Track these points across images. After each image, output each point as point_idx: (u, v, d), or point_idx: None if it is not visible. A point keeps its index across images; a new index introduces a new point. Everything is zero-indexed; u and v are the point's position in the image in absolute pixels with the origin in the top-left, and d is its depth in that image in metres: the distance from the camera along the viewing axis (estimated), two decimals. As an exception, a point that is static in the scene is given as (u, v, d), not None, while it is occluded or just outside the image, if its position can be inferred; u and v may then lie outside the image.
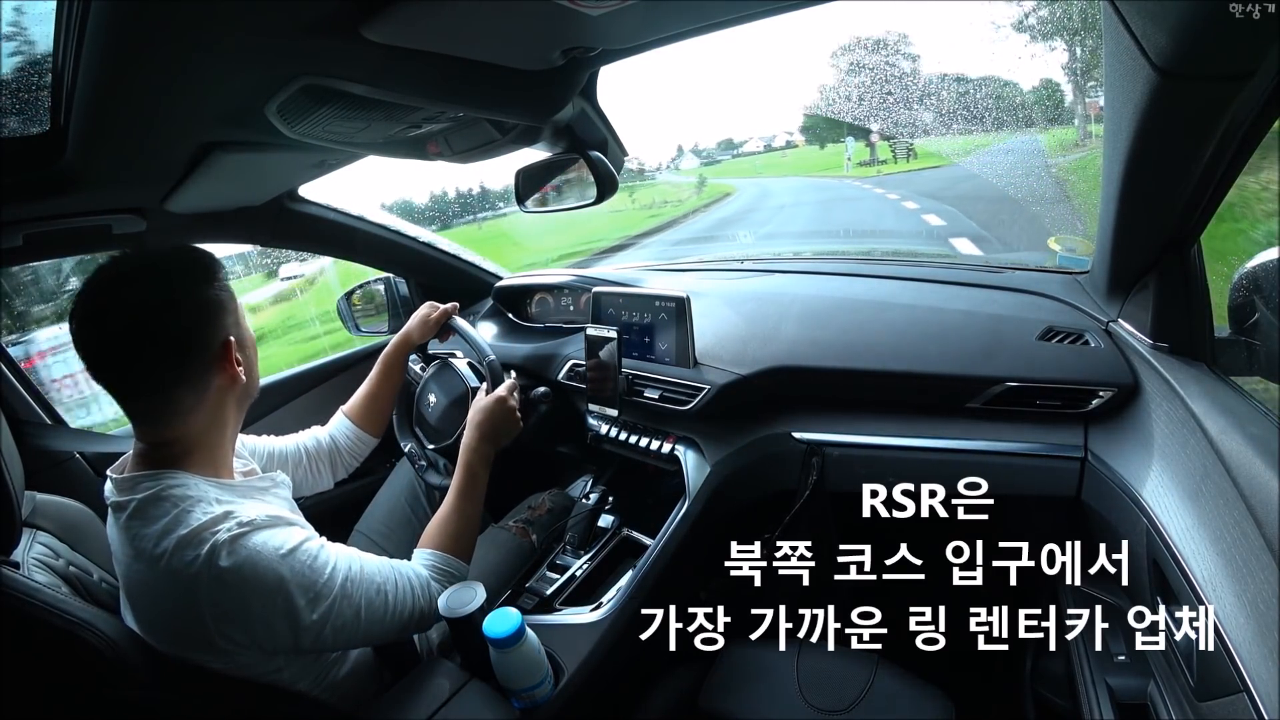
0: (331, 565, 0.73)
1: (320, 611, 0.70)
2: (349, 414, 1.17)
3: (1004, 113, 2.35)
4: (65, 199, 0.99)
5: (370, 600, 0.76)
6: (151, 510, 0.68)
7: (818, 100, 3.06)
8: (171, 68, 0.61)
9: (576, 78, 0.79)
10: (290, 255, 4.53)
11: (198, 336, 0.72)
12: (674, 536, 1.10)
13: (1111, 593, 0.93)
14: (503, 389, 1.07)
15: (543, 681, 0.87)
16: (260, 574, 0.67)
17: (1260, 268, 0.77)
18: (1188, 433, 0.74)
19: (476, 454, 0.99)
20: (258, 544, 0.67)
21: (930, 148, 5.40)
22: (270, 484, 0.83)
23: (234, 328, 0.77)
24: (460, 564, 0.90)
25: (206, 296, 0.73)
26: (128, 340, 0.68)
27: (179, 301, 0.71)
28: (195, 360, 0.72)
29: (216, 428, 0.76)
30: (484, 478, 0.99)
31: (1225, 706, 0.58)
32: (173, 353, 0.71)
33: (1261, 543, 0.57)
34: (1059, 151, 2.83)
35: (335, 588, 0.72)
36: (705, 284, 1.49)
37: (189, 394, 0.73)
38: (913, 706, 0.90)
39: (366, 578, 0.76)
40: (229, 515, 0.68)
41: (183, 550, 0.65)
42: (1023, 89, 3.03)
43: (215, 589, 0.65)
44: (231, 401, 0.78)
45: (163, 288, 0.71)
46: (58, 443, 1.36)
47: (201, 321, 0.73)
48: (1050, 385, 0.96)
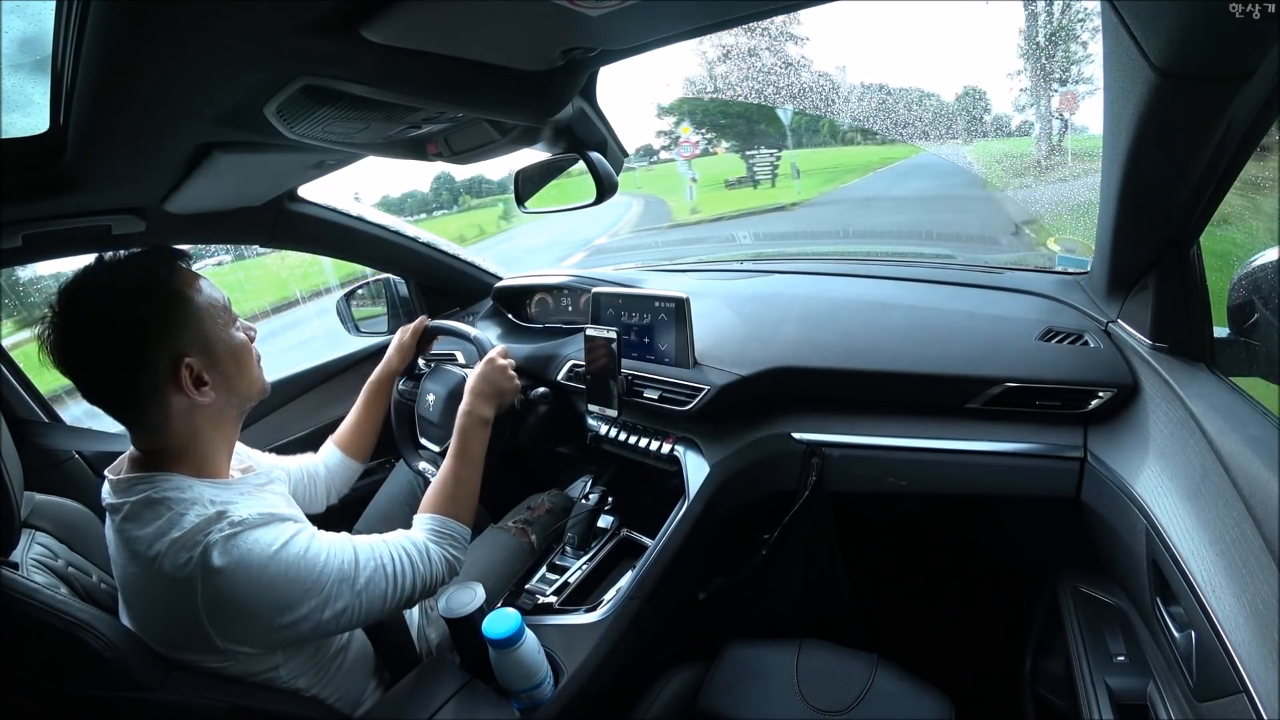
0: (324, 554, 0.73)
1: (316, 601, 0.70)
2: (337, 442, 1.19)
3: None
4: (65, 199, 0.99)
5: (370, 579, 0.76)
6: (145, 513, 0.68)
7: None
8: (171, 68, 0.61)
9: (576, 78, 0.79)
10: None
11: (137, 358, 0.69)
12: (673, 537, 1.10)
13: (1111, 593, 0.93)
14: (493, 352, 1.07)
15: (542, 682, 0.87)
16: (253, 572, 0.67)
17: (1260, 268, 0.77)
18: (1187, 433, 0.74)
19: (470, 415, 0.99)
20: (250, 543, 0.67)
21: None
22: (266, 480, 0.83)
23: (195, 343, 0.72)
24: (457, 525, 0.90)
25: (142, 316, 0.69)
26: (72, 361, 0.68)
27: (113, 321, 0.68)
28: (141, 381, 0.70)
29: (204, 435, 0.75)
30: (480, 439, 0.98)
31: (1225, 707, 0.58)
32: (111, 375, 0.69)
33: (1261, 543, 0.57)
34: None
35: (330, 576, 0.72)
36: (705, 284, 1.49)
37: (151, 411, 0.71)
38: (912, 706, 0.90)
39: (362, 560, 0.76)
40: (222, 515, 0.68)
41: (176, 552, 0.65)
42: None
43: (209, 590, 0.65)
44: (208, 415, 0.75)
45: (100, 308, 0.68)
46: (57, 442, 1.36)
47: (141, 342, 0.69)
48: (1050, 386, 0.96)
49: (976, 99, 3.01)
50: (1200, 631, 0.62)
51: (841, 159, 6.64)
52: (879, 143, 4.17)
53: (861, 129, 2.06)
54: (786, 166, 5.87)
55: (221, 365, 0.75)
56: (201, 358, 0.73)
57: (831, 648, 1.01)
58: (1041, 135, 2.50)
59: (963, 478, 1.02)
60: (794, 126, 5.81)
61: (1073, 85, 2.26)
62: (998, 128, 2.77)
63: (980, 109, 2.89)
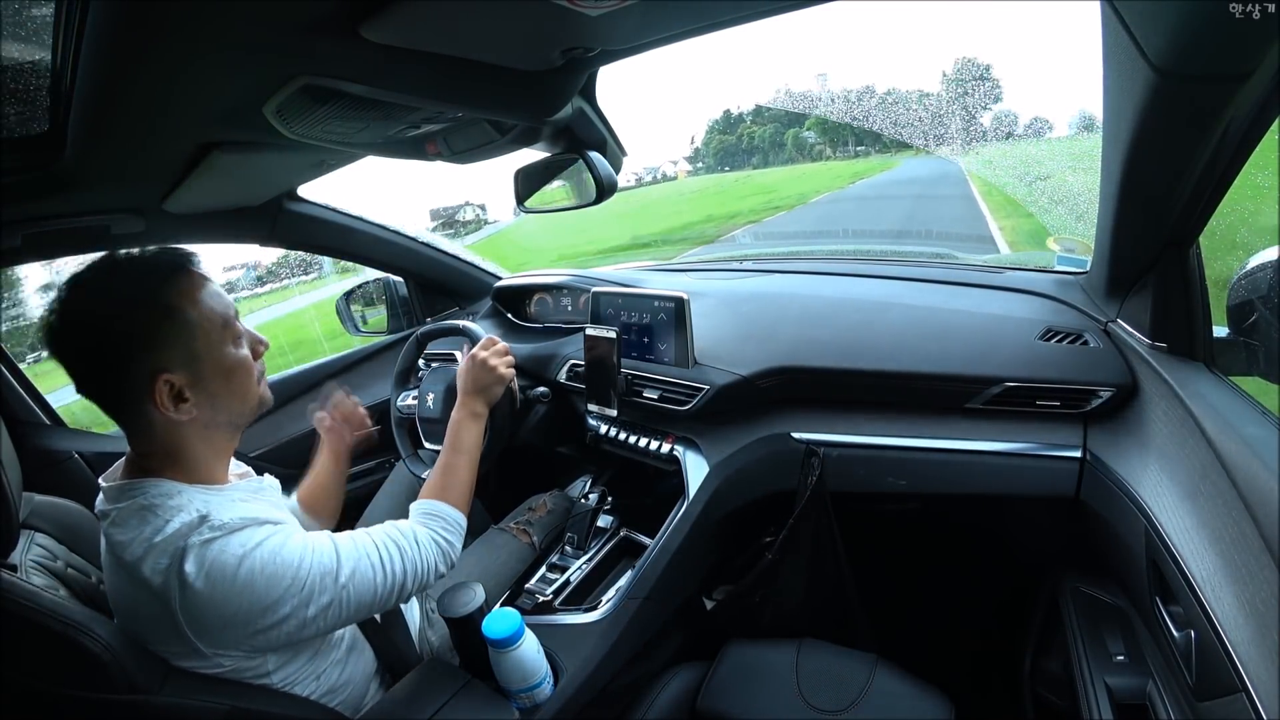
0: (301, 551, 0.71)
1: (298, 599, 0.69)
2: (301, 501, 1.06)
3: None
4: (64, 199, 0.99)
5: (355, 571, 0.74)
6: (131, 518, 0.67)
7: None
8: (170, 67, 0.61)
9: (576, 78, 0.79)
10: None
11: (118, 368, 0.68)
12: (673, 537, 1.10)
13: (1111, 593, 0.93)
14: (476, 347, 1.06)
15: (542, 682, 0.87)
16: (227, 575, 0.65)
17: (1259, 268, 0.77)
18: (1186, 433, 0.74)
19: (461, 409, 1.00)
20: (223, 547, 0.66)
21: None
22: (259, 486, 0.83)
23: (180, 361, 0.70)
24: (448, 509, 0.88)
25: (126, 329, 0.68)
26: (61, 356, 0.68)
27: (100, 328, 0.67)
28: (122, 390, 0.69)
29: (191, 445, 0.73)
30: (472, 432, 0.98)
31: (1224, 706, 0.58)
32: (95, 378, 0.69)
33: (1260, 543, 0.57)
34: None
35: (309, 573, 0.70)
36: (705, 284, 1.49)
37: (136, 418, 0.70)
38: (912, 706, 0.90)
39: (343, 554, 0.74)
40: (204, 520, 0.67)
41: (156, 558, 0.65)
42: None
43: (183, 596, 0.64)
44: (193, 429, 0.73)
45: (92, 310, 0.68)
46: (56, 443, 1.36)
47: (124, 353, 0.68)
48: (1049, 385, 0.96)
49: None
50: (1200, 631, 0.62)
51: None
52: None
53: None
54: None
55: (207, 384, 0.72)
56: (185, 375, 0.70)
57: (831, 648, 1.01)
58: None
59: (962, 477, 1.02)
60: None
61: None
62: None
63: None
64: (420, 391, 1.33)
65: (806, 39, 25.90)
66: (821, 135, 5.94)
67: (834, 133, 5.33)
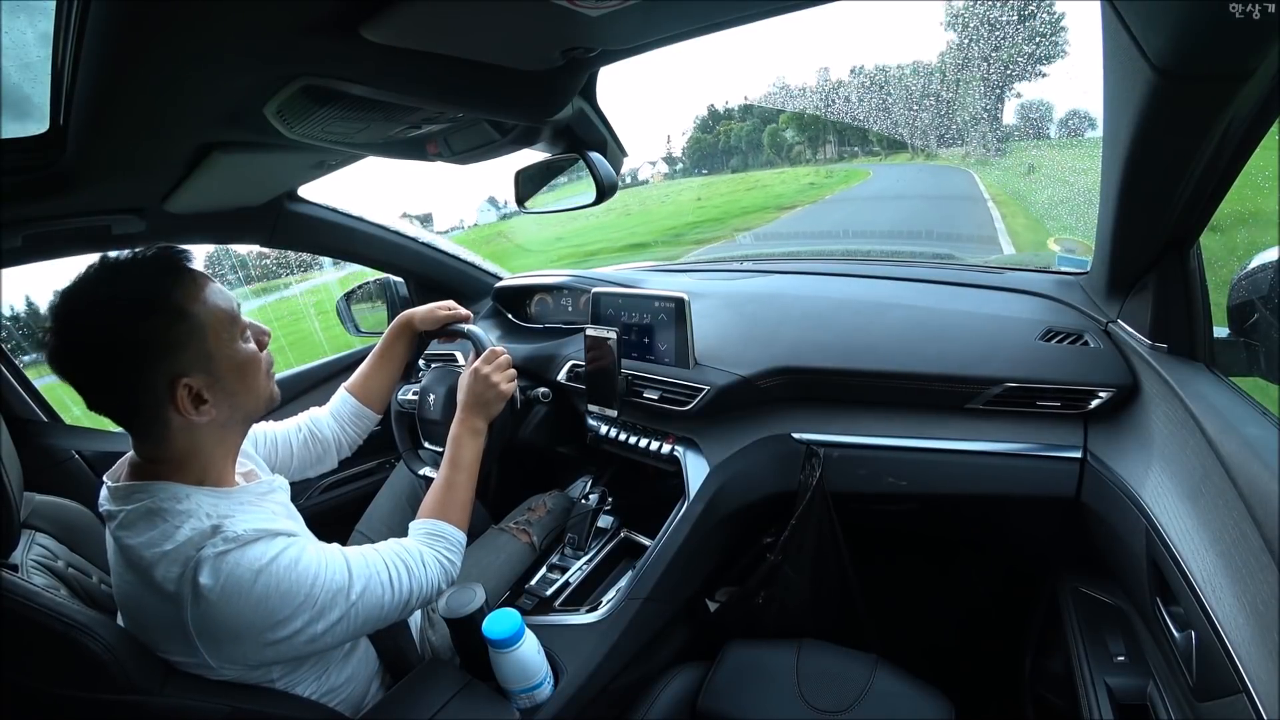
0: (316, 566, 0.71)
1: (310, 614, 0.69)
2: (351, 389, 1.13)
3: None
4: (65, 199, 0.99)
5: (365, 588, 0.75)
6: (141, 523, 0.67)
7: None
8: (171, 68, 0.61)
9: (576, 78, 0.79)
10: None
11: (135, 379, 0.66)
12: (673, 537, 1.09)
13: (1111, 593, 0.93)
14: (478, 360, 1.06)
15: (542, 682, 0.87)
16: (242, 589, 0.65)
17: (1260, 268, 0.77)
18: (1187, 433, 0.74)
19: (461, 424, 0.99)
20: (239, 560, 0.66)
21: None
22: (268, 489, 0.82)
23: (196, 363, 0.69)
24: (451, 529, 0.89)
25: (142, 337, 0.66)
26: (70, 374, 0.66)
27: (113, 342, 0.65)
28: (140, 400, 0.67)
29: (206, 447, 0.73)
30: (472, 447, 0.98)
31: (1224, 707, 0.58)
32: (109, 392, 0.67)
33: (1260, 543, 0.57)
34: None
35: (322, 588, 0.70)
36: (705, 284, 1.49)
37: (152, 425, 0.69)
38: (912, 707, 0.90)
39: (355, 570, 0.75)
40: (217, 530, 0.66)
41: (169, 565, 0.64)
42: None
43: (198, 608, 0.64)
44: (210, 430, 0.72)
45: (100, 324, 0.65)
46: (57, 442, 1.36)
47: (140, 363, 0.66)
48: (1050, 386, 0.96)
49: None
50: (1200, 631, 0.62)
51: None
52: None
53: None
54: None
55: (224, 382, 0.72)
56: (202, 376, 0.69)
57: (831, 648, 1.01)
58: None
59: (963, 478, 1.02)
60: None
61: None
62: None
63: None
64: (421, 390, 1.33)
65: (806, 39, 25.73)
66: (821, 135, 5.81)
67: (843, 133, 5.19)
